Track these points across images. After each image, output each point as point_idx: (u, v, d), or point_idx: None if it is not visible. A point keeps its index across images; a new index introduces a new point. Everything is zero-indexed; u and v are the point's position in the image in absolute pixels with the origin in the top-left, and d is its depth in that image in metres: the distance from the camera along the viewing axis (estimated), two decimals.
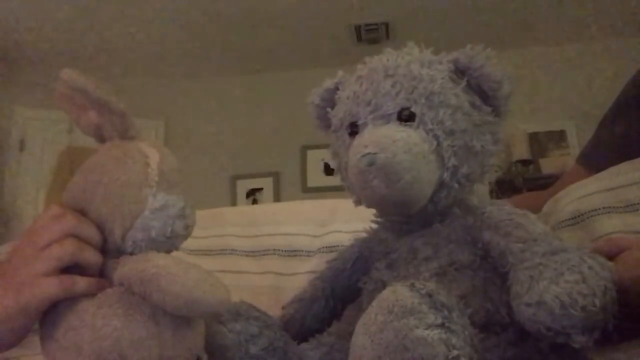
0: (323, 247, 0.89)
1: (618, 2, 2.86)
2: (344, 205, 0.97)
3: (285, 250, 0.92)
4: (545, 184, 0.93)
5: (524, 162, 3.12)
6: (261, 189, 3.51)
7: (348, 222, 0.88)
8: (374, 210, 0.63)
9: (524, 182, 2.99)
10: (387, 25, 3.06)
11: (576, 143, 3.14)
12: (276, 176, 3.53)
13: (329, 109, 0.60)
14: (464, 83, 0.52)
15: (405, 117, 0.51)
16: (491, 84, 0.52)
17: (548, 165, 3.15)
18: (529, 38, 3.20)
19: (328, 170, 3.46)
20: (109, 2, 2.74)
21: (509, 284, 0.44)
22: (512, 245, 0.47)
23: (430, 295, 0.38)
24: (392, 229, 0.57)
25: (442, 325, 0.37)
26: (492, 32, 3.05)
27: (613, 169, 0.68)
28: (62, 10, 2.78)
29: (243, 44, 3.25)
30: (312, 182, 3.47)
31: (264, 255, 0.94)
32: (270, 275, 0.91)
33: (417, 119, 0.51)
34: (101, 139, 0.50)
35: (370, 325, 0.38)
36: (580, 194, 0.69)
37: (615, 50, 3.15)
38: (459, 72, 0.53)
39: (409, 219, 0.55)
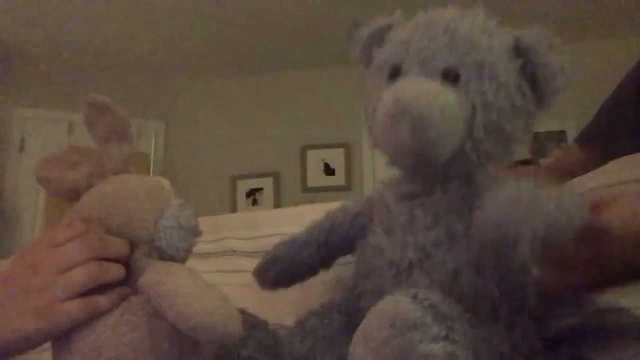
0: None
1: (618, 2, 2.86)
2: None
3: None
4: None
5: (524, 162, 3.12)
6: (261, 189, 3.51)
7: None
8: None
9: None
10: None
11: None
12: (276, 176, 3.53)
13: (376, 48, 0.58)
14: (519, 63, 0.51)
15: (450, 77, 0.50)
16: (546, 73, 0.51)
17: (547, 162, 3.15)
18: None
19: (328, 170, 3.46)
20: (109, 3, 2.74)
21: None
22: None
23: (433, 307, 0.38)
24: (394, 190, 0.57)
25: (445, 337, 0.36)
26: None
27: (613, 165, 0.68)
28: (62, 10, 2.78)
29: (243, 44, 3.25)
30: (312, 182, 3.47)
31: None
32: None
33: (460, 83, 0.49)
34: (73, 196, 0.51)
35: (370, 340, 0.37)
36: (579, 191, 0.69)
37: (615, 50, 3.15)
38: (519, 50, 0.52)
39: (414, 178, 0.54)
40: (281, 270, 0.62)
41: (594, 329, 0.52)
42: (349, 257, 0.64)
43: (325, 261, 0.64)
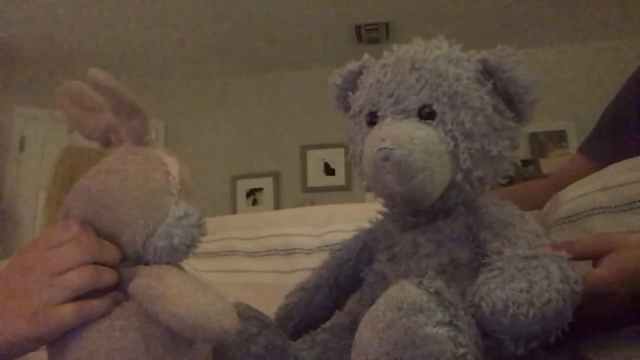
0: (323, 246, 0.90)
1: (618, 2, 2.86)
2: (344, 209, 0.98)
3: (285, 250, 0.93)
4: None
5: (524, 162, 3.12)
6: (261, 189, 3.51)
7: (347, 222, 0.89)
8: (373, 213, 0.63)
9: (524, 182, 2.99)
10: (387, 25, 3.06)
11: (576, 143, 3.14)
12: (276, 176, 3.53)
13: (350, 93, 0.58)
14: (490, 85, 0.51)
15: (426, 114, 0.50)
16: (518, 88, 0.51)
17: (548, 165, 3.15)
18: (528, 38, 3.20)
19: (328, 170, 3.46)
20: (108, 3, 2.74)
21: None
22: (494, 245, 0.47)
23: (438, 293, 0.38)
24: (397, 221, 0.57)
25: (450, 323, 0.37)
26: (491, 32, 3.05)
27: (612, 168, 0.68)
28: (62, 10, 2.78)
29: (243, 44, 3.25)
30: (312, 182, 3.47)
31: (265, 255, 0.95)
32: (272, 274, 0.91)
33: (437, 118, 0.50)
34: (106, 143, 0.49)
35: (377, 322, 0.38)
36: (578, 193, 0.69)
37: (615, 50, 3.15)
38: (486, 72, 0.52)
39: (415, 212, 0.54)
40: (298, 320, 0.61)
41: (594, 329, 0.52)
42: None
43: (338, 301, 0.64)
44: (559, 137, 3.24)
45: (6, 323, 0.40)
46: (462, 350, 0.36)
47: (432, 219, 0.53)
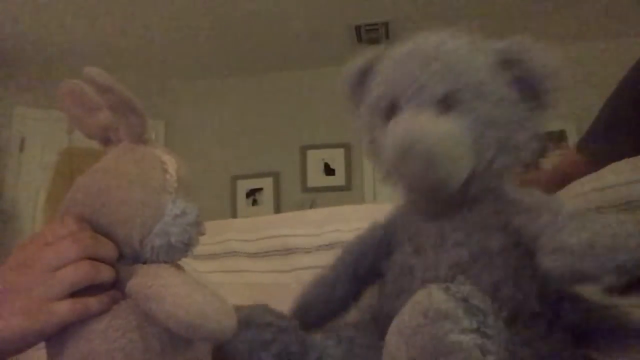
0: (323, 245, 0.90)
1: (618, 2, 2.86)
2: (343, 210, 0.99)
3: (285, 250, 0.93)
4: None
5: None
6: (261, 189, 3.51)
7: (347, 222, 0.89)
8: (372, 214, 0.63)
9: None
10: (387, 25, 3.05)
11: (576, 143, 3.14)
12: (276, 176, 3.52)
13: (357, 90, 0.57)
14: (512, 74, 0.50)
15: (447, 105, 0.49)
16: (540, 76, 0.50)
17: (548, 165, 3.15)
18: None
19: (328, 170, 3.46)
20: (109, 3, 2.74)
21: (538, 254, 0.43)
22: (538, 223, 0.46)
23: (465, 300, 0.38)
24: (419, 212, 0.56)
25: (477, 330, 0.36)
26: (491, 32, 3.05)
27: (609, 169, 0.68)
28: (62, 10, 2.78)
29: (243, 44, 3.25)
30: (312, 182, 3.47)
31: (264, 256, 0.95)
32: (272, 274, 0.91)
33: (460, 108, 0.49)
34: (105, 142, 0.49)
35: (404, 328, 0.37)
36: (575, 192, 0.69)
37: (615, 50, 3.15)
38: (508, 61, 0.51)
39: (438, 202, 0.53)
40: (317, 314, 0.61)
41: (596, 329, 0.52)
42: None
43: (356, 294, 0.63)
44: (559, 137, 3.24)
45: (3, 319, 0.40)
46: (490, 358, 0.35)
47: (457, 208, 0.52)
